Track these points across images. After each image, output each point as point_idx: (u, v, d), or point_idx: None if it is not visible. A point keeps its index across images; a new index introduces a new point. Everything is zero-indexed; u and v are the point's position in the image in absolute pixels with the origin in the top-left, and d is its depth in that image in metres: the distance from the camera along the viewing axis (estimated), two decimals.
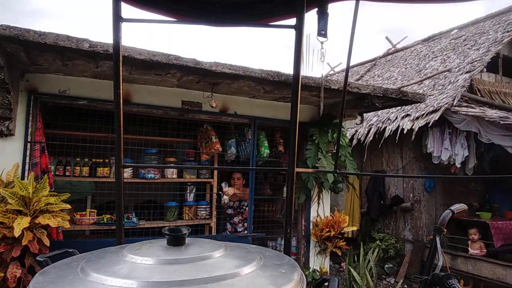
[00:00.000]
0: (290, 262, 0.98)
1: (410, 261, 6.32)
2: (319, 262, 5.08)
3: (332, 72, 12.33)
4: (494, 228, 5.59)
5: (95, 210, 4.28)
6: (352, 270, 4.55)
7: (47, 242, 3.03)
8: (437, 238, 1.59)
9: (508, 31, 6.73)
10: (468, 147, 5.92)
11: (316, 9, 1.19)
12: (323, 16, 1.17)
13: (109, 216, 4.22)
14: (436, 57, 8.19)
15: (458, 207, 1.70)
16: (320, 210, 5.20)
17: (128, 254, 0.89)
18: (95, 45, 2.97)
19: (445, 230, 1.63)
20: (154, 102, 4.18)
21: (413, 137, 6.04)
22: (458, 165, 5.96)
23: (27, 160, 3.55)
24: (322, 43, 1.30)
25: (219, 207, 5.02)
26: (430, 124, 5.82)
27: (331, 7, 1.23)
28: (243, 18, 1.24)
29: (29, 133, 3.57)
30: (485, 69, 6.54)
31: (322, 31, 1.20)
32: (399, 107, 6.33)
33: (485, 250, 5.58)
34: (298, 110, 1.30)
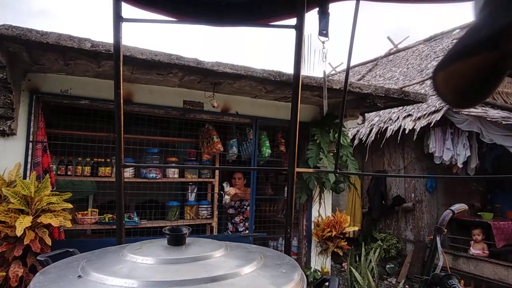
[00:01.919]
0: (291, 262, 0.98)
1: (412, 261, 6.31)
2: (320, 262, 5.08)
3: (333, 72, 12.32)
4: (496, 228, 5.57)
5: (97, 210, 4.29)
6: (353, 270, 4.55)
7: (49, 241, 3.04)
8: (438, 238, 1.59)
9: None
10: (470, 147, 5.90)
11: (317, 9, 1.19)
12: (324, 16, 1.17)
13: (111, 215, 4.23)
14: (438, 57, 8.17)
15: (458, 207, 1.70)
16: (322, 210, 5.19)
17: (129, 254, 0.89)
18: (97, 44, 2.97)
19: (446, 230, 1.63)
20: (155, 102, 4.18)
21: (414, 137, 6.03)
22: (460, 165, 5.95)
23: (29, 160, 3.56)
24: (323, 42, 1.30)
25: (221, 207, 5.03)
26: (432, 124, 5.81)
27: (332, 7, 1.23)
28: (244, 18, 1.24)
29: (31, 132, 3.58)
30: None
31: (323, 31, 1.20)
32: (401, 107, 6.32)
33: (488, 252, 5.55)
34: (299, 110, 1.30)
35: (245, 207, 5.04)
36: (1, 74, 3.04)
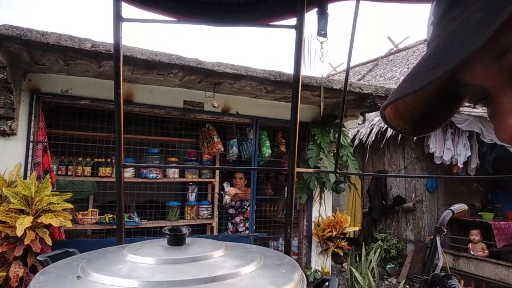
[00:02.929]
0: (291, 262, 0.98)
1: (412, 261, 6.31)
2: (320, 262, 5.08)
3: (333, 72, 12.32)
4: (497, 228, 5.57)
5: (97, 210, 4.30)
6: (354, 270, 4.54)
7: (49, 241, 3.04)
8: (438, 238, 1.59)
9: None
10: (471, 147, 5.90)
11: (316, 9, 1.19)
12: (323, 16, 1.17)
13: (111, 215, 4.24)
14: None
15: (458, 207, 1.70)
16: (322, 210, 5.19)
17: (129, 254, 0.89)
18: (97, 45, 2.98)
19: (446, 230, 1.63)
20: (156, 102, 4.18)
21: (415, 137, 6.03)
22: (461, 165, 5.95)
23: (30, 160, 3.56)
24: (322, 43, 1.31)
25: (221, 207, 5.03)
26: None
27: (332, 7, 1.23)
28: (243, 18, 1.24)
29: (31, 132, 3.59)
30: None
31: (322, 31, 1.20)
32: None
33: (487, 251, 5.55)
34: (299, 110, 1.30)
35: (245, 207, 5.05)
36: (2, 74, 3.04)
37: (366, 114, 5.72)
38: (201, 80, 3.87)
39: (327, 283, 1.01)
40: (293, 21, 1.24)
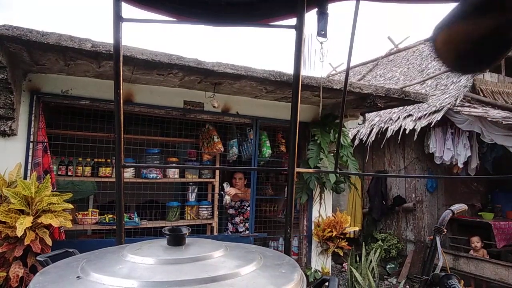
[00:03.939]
0: (291, 262, 0.98)
1: (412, 262, 6.31)
2: (321, 262, 5.07)
3: (334, 72, 12.32)
4: (497, 228, 5.57)
5: (97, 210, 4.30)
6: (354, 270, 4.54)
7: (49, 241, 3.04)
8: (437, 238, 1.59)
9: None
10: (471, 147, 5.90)
11: (316, 9, 1.19)
12: (323, 16, 1.17)
13: (111, 216, 4.23)
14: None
15: (458, 207, 1.70)
16: (322, 210, 5.19)
17: (129, 254, 0.89)
18: (97, 45, 2.97)
19: (445, 230, 1.63)
20: (156, 102, 4.18)
21: (415, 137, 6.03)
22: (461, 166, 5.95)
23: (30, 160, 3.56)
24: (321, 43, 1.31)
25: (221, 207, 5.03)
26: (433, 124, 5.80)
27: (332, 7, 1.23)
28: (243, 18, 1.24)
29: (31, 133, 3.59)
30: (487, 69, 6.52)
31: (321, 31, 1.20)
32: (401, 107, 6.31)
33: (488, 257, 5.53)
34: (299, 110, 1.30)
35: (245, 207, 5.04)
36: (2, 74, 3.04)
37: (366, 114, 5.73)
38: (201, 80, 3.87)
39: (327, 283, 1.01)
40: (293, 21, 1.24)
